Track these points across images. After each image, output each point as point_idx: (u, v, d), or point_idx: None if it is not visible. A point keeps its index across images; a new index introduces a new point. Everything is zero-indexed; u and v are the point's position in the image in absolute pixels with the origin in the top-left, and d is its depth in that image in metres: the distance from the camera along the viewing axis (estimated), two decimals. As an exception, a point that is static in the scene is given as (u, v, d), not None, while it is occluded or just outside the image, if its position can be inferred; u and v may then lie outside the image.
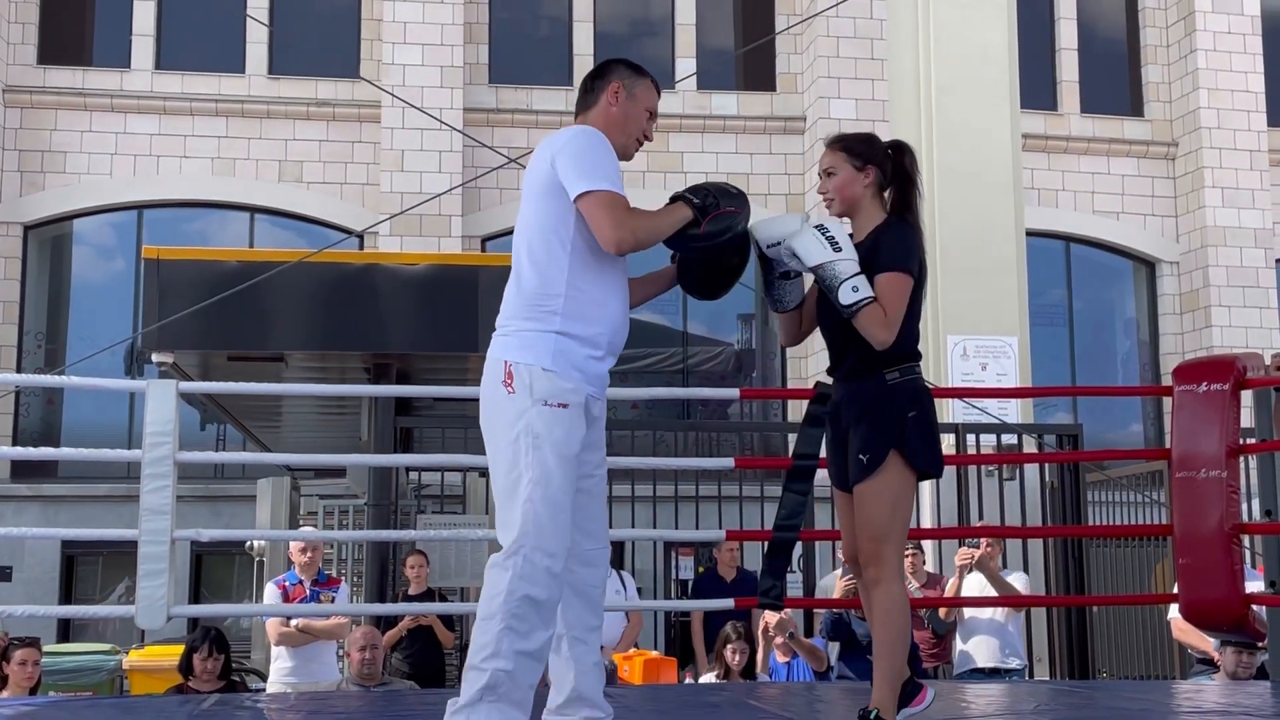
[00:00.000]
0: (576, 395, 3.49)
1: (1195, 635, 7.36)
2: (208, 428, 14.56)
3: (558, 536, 3.43)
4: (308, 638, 7.66)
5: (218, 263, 8.48)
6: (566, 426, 3.46)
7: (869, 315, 3.74)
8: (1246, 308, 17.12)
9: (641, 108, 3.81)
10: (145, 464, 5.18)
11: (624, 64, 3.90)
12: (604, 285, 3.59)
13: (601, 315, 3.57)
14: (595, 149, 3.57)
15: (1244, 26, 17.63)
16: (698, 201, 3.65)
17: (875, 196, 3.93)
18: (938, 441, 3.87)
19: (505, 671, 3.37)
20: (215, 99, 16.18)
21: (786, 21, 16.89)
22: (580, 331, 3.53)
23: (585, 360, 3.54)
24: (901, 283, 3.77)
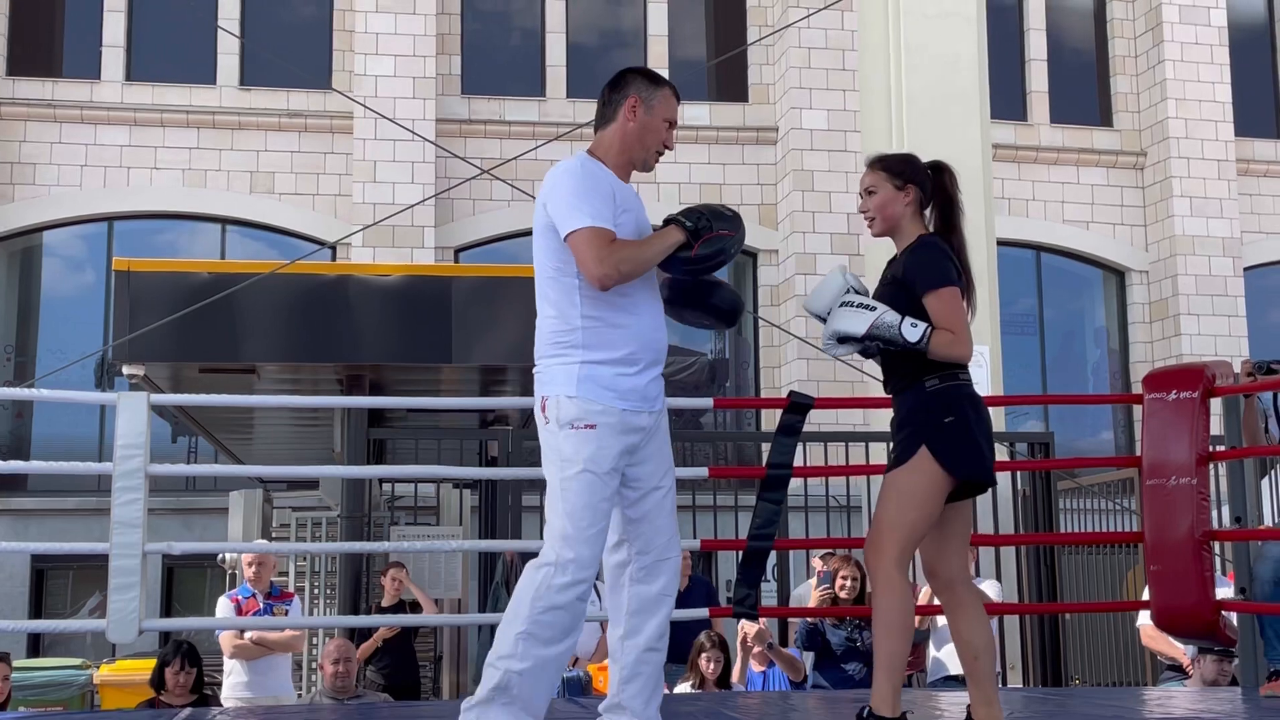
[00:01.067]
0: (606, 415, 3.61)
1: (1164, 642, 7.40)
2: (179, 440, 14.50)
3: (589, 550, 3.58)
4: (263, 651, 7.61)
5: (189, 274, 8.44)
6: (596, 445, 3.60)
7: (939, 342, 3.85)
8: (1215, 316, 17.26)
9: (660, 119, 3.81)
10: (116, 477, 5.15)
11: (641, 75, 3.90)
12: (622, 306, 3.66)
13: (624, 336, 3.66)
14: (577, 186, 3.62)
15: (1211, 38, 17.80)
16: (690, 225, 3.69)
17: (915, 216, 4.01)
18: (978, 448, 3.87)
19: (518, 673, 3.50)
20: (186, 110, 16.12)
21: (758, 32, 16.95)
22: (604, 356, 3.64)
23: (615, 379, 3.64)
24: (951, 296, 3.88)
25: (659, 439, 3.79)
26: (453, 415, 10.52)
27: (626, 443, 3.65)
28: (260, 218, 16.25)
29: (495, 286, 8.61)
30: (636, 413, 3.68)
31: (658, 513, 3.78)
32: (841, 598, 7.30)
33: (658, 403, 3.76)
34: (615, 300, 3.64)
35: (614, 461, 3.62)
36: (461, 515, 10.17)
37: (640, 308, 3.70)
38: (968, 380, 3.94)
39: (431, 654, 9.50)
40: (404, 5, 16.26)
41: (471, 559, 9.09)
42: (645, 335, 3.70)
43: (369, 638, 8.22)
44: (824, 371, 14.92)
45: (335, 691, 7.13)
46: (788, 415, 5.49)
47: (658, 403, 3.76)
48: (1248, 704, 5.32)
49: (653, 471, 3.77)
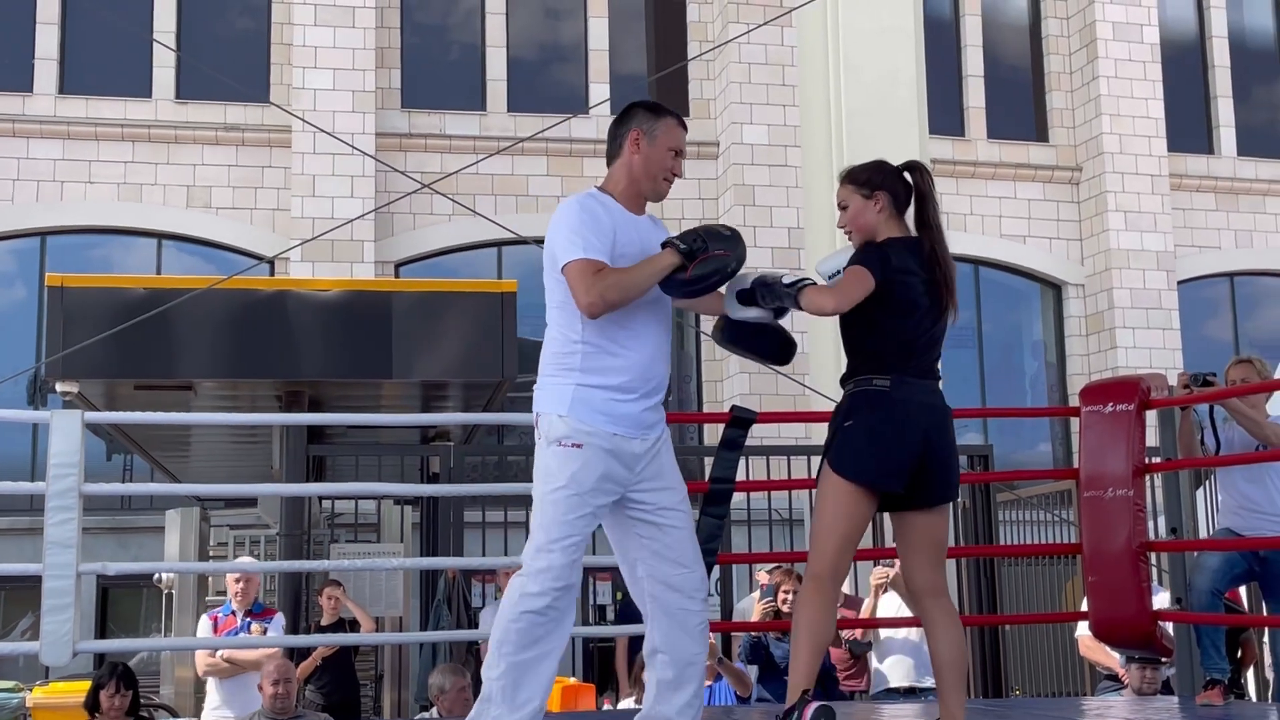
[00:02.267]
0: (594, 437, 3.71)
1: (1101, 652, 7.47)
2: (114, 458, 14.28)
3: (562, 560, 3.69)
4: (234, 669, 7.58)
5: (124, 290, 8.32)
6: (580, 464, 3.70)
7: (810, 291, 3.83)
8: (1150, 329, 17.52)
9: (663, 149, 3.90)
10: (49, 496, 5.07)
11: (643, 107, 3.98)
12: (622, 336, 3.77)
13: (621, 364, 3.77)
14: (574, 221, 3.74)
15: (1144, 54, 18.08)
16: (684, 247, 3.75)
17: (891, 220, 4.01)
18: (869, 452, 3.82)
19: (497, 681, 3.69)
20: (121, 123, 15.92)
21: (699, 48, 17.02)
22: (600, 381, 3.75)
23: (608, 404, 3.74)
24: (853, 271, 3.86)
25: (662, 462, 3.87)
26: (393, 431, 10.45)
27: (613, 466, 3.74)
28: (197, 232, 16.08)
29: (436, 301, 8.57)
30: (629, 438, 3.76)
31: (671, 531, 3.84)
32: (784, 611, 7.31)
33: (654, 430, 3.85)
34: (616, 329, 3.75)
35: (597, 482, 3.71)
36: (403, 532, 10.10)
37: (643, 338, 3.80)
38: (886, 384, 3.88)
39: (372, 672, 9.42)
40: (343, 18, 16.18)
41: (413, 576, 9.02)
42: (643, 365, 3.80)
43: (308, 656, 8.14)
44: (766, 386, 14.97)
45: (275, 712, 7.04)
46: (730, 430, 5.49)
47: (654, 430, 3.85)
48: (1185, 712, 5.38)
49: (662, 494, 3.85)
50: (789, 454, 8.50)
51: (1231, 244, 18.66)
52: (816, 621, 3.84)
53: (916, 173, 4.06)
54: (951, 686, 3.94)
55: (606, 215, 3.79)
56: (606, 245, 3.72)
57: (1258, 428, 5.73)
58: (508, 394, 8.97)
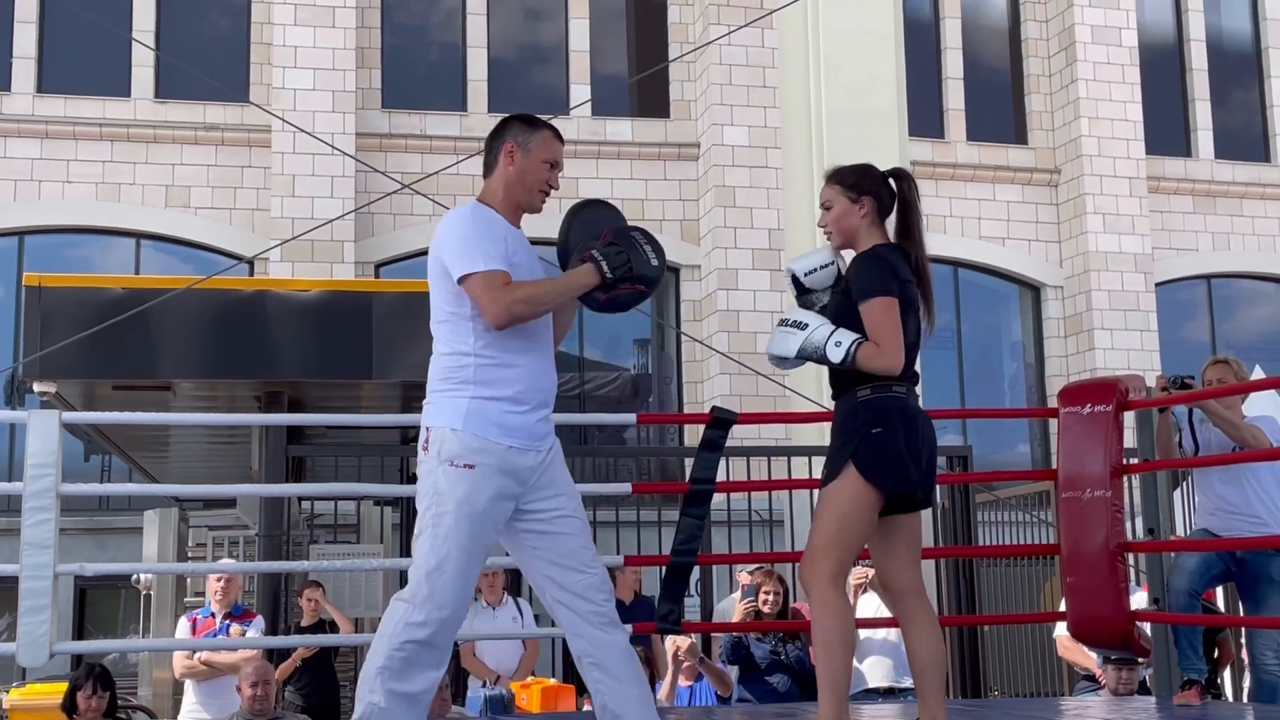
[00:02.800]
0: (486, 455, 3.66)
1: (1079, 652, 7.50)
2: (92, 459, 14.20)
3: (450, 588, 3.63)
4: (212, 672, 7.55)
5: (102, 289, 8.28)
6: (471, 485, 3.65)
7: (864, 356, 3.87)
8: (1128, 331, 17.60)
9: (538, 160, 3.91)
10: (27, 497, 5.04)
11: (519, 120, 3.99)
12: (514, 348, 3.75)
13: (514, 375, 3.74)
14: (468, 232, 3.73)
15: (1122, 57, 18.17)
16: (610, 277, 3.75)
17: (874, 225, 4.03)
18: (902, 461, 3.86)
19: (378, 707, 3.59)
20: (100, 123, 15.85)
21: (680, 49, 17.03)
22: (494, 393, 3.72)
23: (503, 416, 3.71)
24: (882, 306, 3.87)
25: (554, 472, 3.86)
26: (373, 432, 10.43)
27: (506, 484, 3.70)
28: (176, 232, 16.02)
29: (416, 301, 8.52)
30: (523, 451, 3.74)
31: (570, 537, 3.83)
32: (764, 612, 7.32)
33: (546, 441, 3.83)
34: (508, 341, 3.73)
35: (489, 504, 3.67)
36: (382, 533, 10.08)
37: (533, 349, 3.81)
38: (903, 392, 3.93)
39: (352, 673, 9.39)
40: (323, 19, 16.13)
41: (393, 577, 9.00)
42: (534, 377, 3.79)
43: (287, 658, 8.11)
44: (747, 387, 14.99)
45: (254, 714, 7.02)
46: (710, 430, 5.51)
47: (546, 441, 3.83)
48: (1162, 712, 5.41)
49: (554, 500, 3.83)
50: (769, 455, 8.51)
51: (1209, 246, 18.77)
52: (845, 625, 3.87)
53: (903, 181, 4.06)
54: (932, 687, 3.95)
55: (499, 226, 3.80)
56: (501, 254, 3.72)
57: (1234, 429, 5.76)
58: (488, 395, 8.96)
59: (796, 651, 7.35)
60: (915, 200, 4.04)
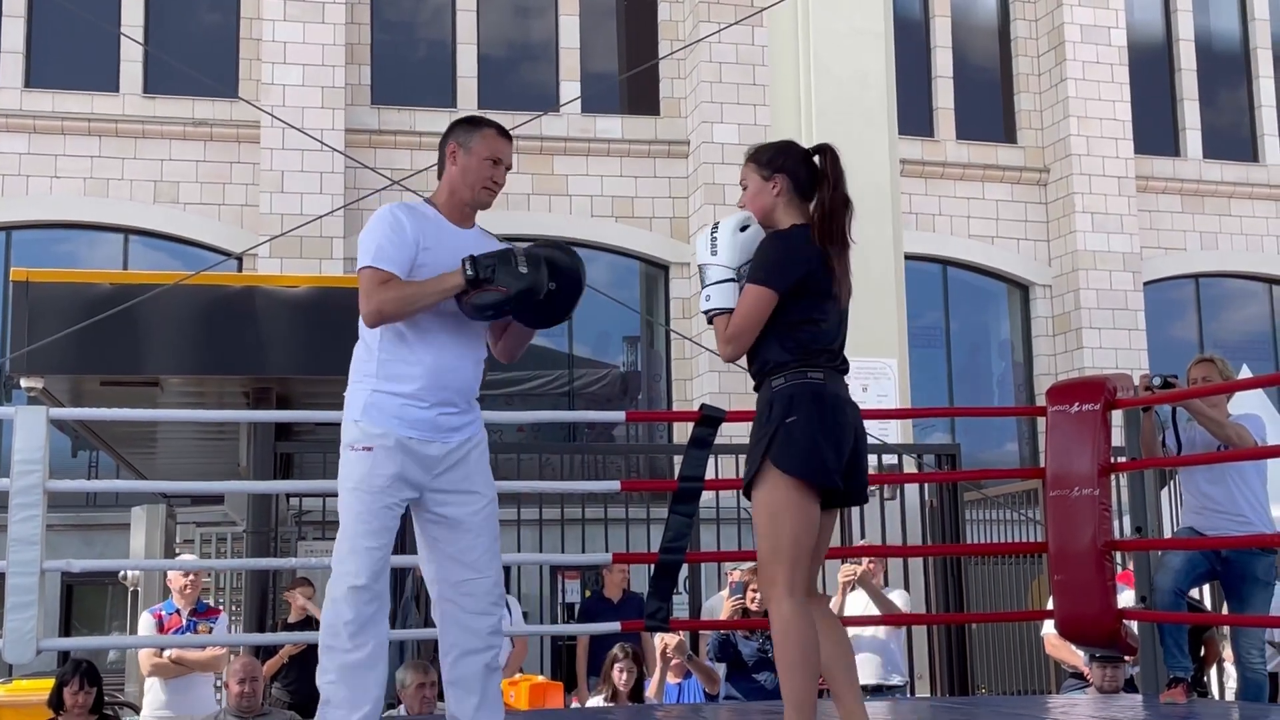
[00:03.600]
0: (384, 439, 3.81)
1: (1066, 650, 7.52)
2: (80, 454, 14.16)
3: (358, 561, 3.78)
4: (181, 669, 7.47)
5: (90, 285, 8.25)
6: (368, 466, 3.80)
7: (716, 327, 3.82)
8: (1116, 329, 17.64)
9: (479, 159, 3.99)
10: (13, 493, 5.03)
11: (462, 122, 4.10)
12: (418, 345, 3.86)
13: (415, 372, 3.85)
14: (373, 229, 3.86)
15: (1111, 57, 18.21)
16: (470, 274, 3.80)
17: (791, 204, 3.87)
18: (815, 449, 3.66)
19: (333, 684, 3.79)
20: (88, 118, 15.80)
21: (670, 47, 17.03)
22: (394, 388, 3.85)
23: (403, 409, 3.84)
24: (753, 296, 3.74)
25: (469, 468, 3.91)
26: (362, 428, 10.39)
27: (407, 466, 3.81)
28: (164, 228, 15.98)
29: (405, 299, 8.52)
30: (426, 441, 3.84)
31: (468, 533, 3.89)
32: (752, 609, 7.32)
33: (457, 434, 3.90)
34: (413, 339, 3.86)
35: (388, 483, 3.80)
36: (370, 530, 10.05)
37: (439, 347, 3.87)
38: (820, 377, 3.75)
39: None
40: (312, 14, 16.10)
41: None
42: (440, 374, 3.87)
43: (275, 654, 8.10)
44: (736, 384, 14.99)
45: (241, 711, 7.01)
46: (699, 428, 5.51)
47: (457, 434, 3.90)
48: (1148, 710, 5.42)
49: (463, 497, 3.90)
50: (758, 453, 8.48)
51: (1197, 245, 18.82)
52: (807, 639, 3.65)
53: (823, 155, 3.91)
54: (846, 685, 3.80)
55: (413, 225, 3.86)
56: (404, 256, 3.81)
57: (1218, 428, 5.78)
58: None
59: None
60: (832, 174, 3.86)
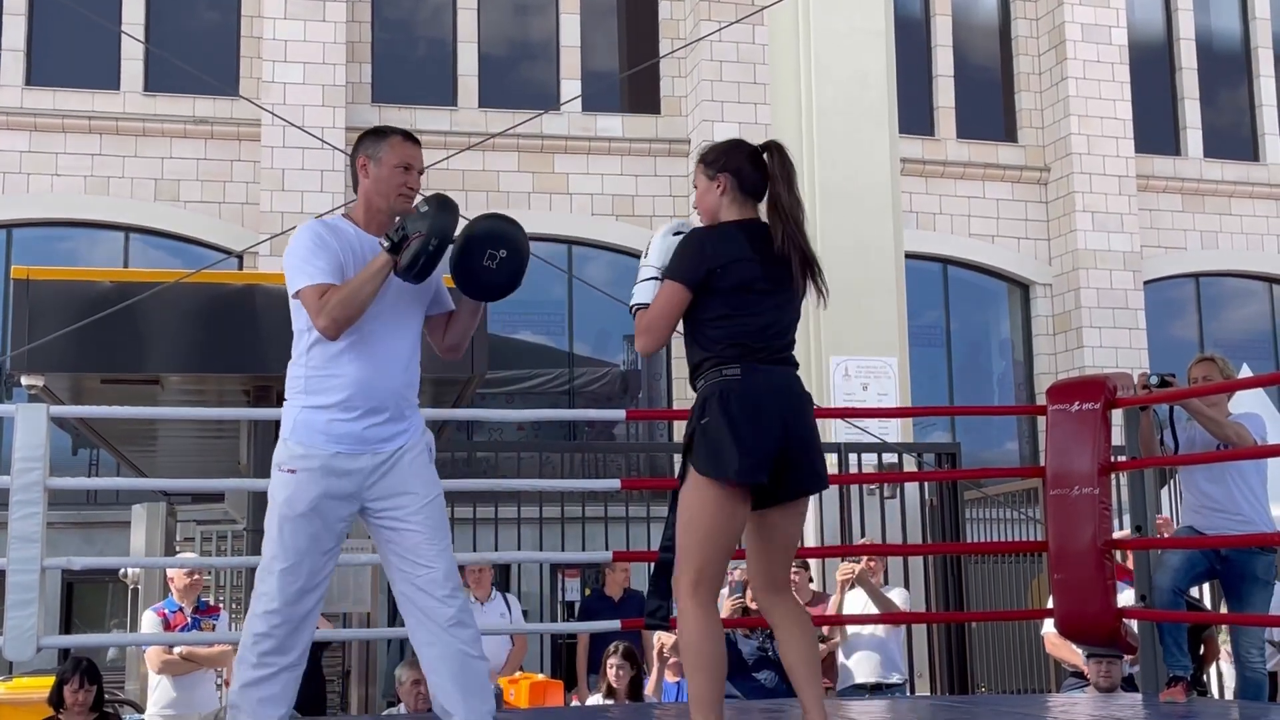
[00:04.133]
0: (307, 461, 3.88)
1: (1066, 649, 7.53)
2: (80, 452, 14.17)
3: (271, 584, 3.87)
4: (191, 666, 7.51)
5: (91, 283, 8.24)
6: (292, 489, 3.88)
7: (636, 320, 3.86)
8: (1116, 328, 17.64)
9: (388, 167, 4.03)
10: (14, 490, 5.04)
11: (368, 134, 4.14)
12: (344, 356, 3.90)
13: (341, 383, 3.89)
14: (297, 249, 3.91)
15: (1112, 56, 18.21)
16: (387, 244, 3.84)
17: (735, 203, 3.90)
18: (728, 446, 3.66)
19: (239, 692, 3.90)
20: (89, 116, 15.81)
21: (670, 45, 17.03)
22: (321, 401, 3.90)
23: (329, 424, 3.89)
24: (666, 291, 3.79)
25: (403, 473, 3.95)
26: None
27: (332, 485, 3.87)
28: (165, 226, 15.98)
29: (406, 297, 8.52)
30: (353, 455, 3.89)
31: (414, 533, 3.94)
32: (752, 608, 7.32)
33: (388, 444, 3.94)
34: (338, 350, 3.90)
35: (311, 505, 3.86)
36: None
37: (366, 355, 3.91)
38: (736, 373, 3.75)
39: (339, 668, 9.39)
40: (313, 12, 16.11)
41: (381, 572, 8.98)
42: (366, 383, 3.90)
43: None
44: (735, 383, 15.00)
45: (241, 708, 7.01)
46: (699, 426, 5.50)
47: (388, 444, 3.94)
48: (1148, 709, 5.43)
49: (400, 499, 3.94)
50: (758, 451, 8.48)
51: (1197, 245, 18.82)
52: (704, 639, 3.68)
53: (771, 153, 3.94)
54: (804, 682, 3.77)
55: (333, 239, 3.93)
56: (332, 267, 3.88)
57: (1217, 427, 5.78)
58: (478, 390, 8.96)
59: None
60: (782, 171, 3.90)
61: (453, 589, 3.93)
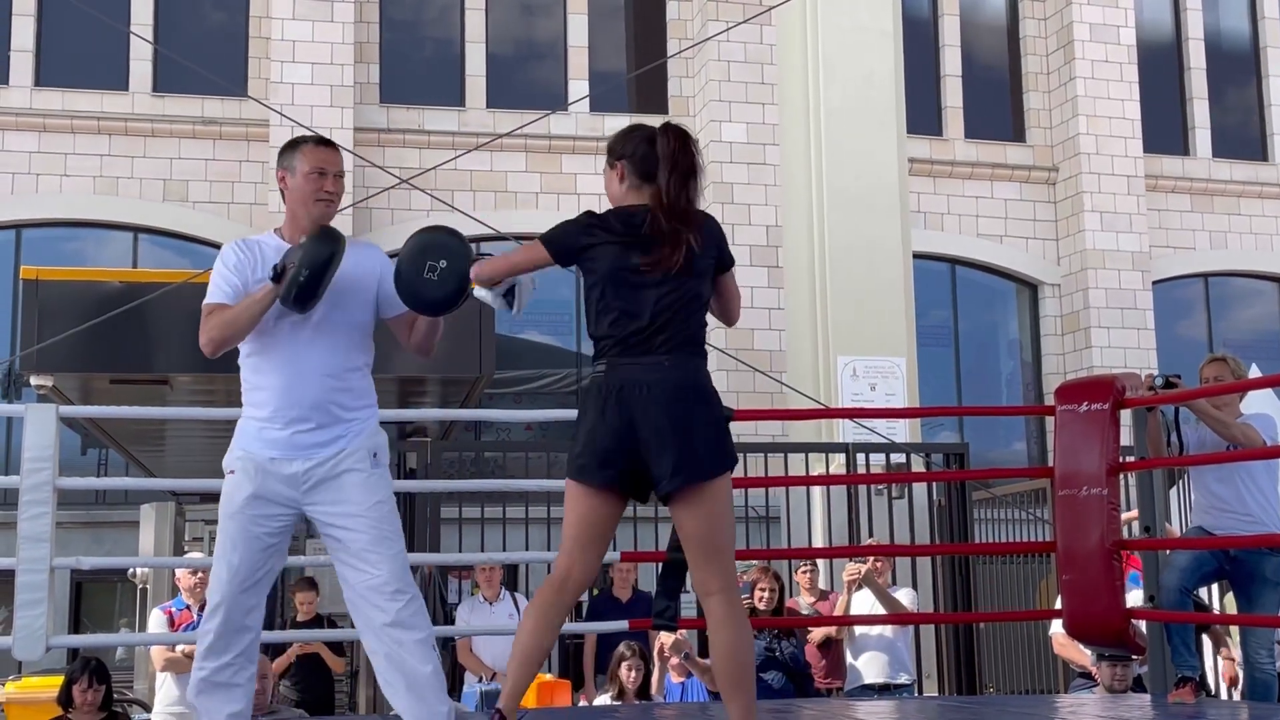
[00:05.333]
0: (241, 462, 4.07)
1: (1075, 650, 7.52)
2: (89, 452, 14.21)
3: (219, 579, 4.01)
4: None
5: (100, 283, 8.28)
6: (231, 488, 4.07)
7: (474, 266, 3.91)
8: (1125, 329, 17.60)
9: (302, 176, 4.11)
10: (23, 490, 5.05)
11: (284, 148, 4.22)
12: (263, 368, 4.10)
13: (266, 396, 4.08)
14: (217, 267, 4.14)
15: (1121, 56, 18.17)
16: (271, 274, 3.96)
17: (633, 190, 3.85)
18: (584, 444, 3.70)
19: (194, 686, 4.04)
20: (98, 116, 15.84)
21: (678, 45, 17.02)
22: (253, 412, 4.11)
23: (260, 431, 4.08)
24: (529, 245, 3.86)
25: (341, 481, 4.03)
26: (370, 427, 10.40)
27: (266, 484, 4.01)
28: (174, 226, 16.00)
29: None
30: (286, 460, 4.02)
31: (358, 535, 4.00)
32: (759, 608, 7.33)
33: (321, 450, 4.03)
34: (260, 364, 4.10)
35: (245, 502, 4.02)
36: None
37: (282, 368, 4.06)
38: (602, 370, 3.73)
39: (347, 668, 9.40)
40: (321, 13, 16.12)
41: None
42: (289, 393, 4.04)
43: (283, 653, 8.11)
44: (743, 383, 14.99)
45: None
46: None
47: (321, 450, 4.03)
48: (1156, 710, 5.42)
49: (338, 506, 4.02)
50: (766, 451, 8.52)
51: (1206, 245, 18.78)
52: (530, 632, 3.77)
53: (663, 136, 3.85)
54: (727, 688, 3.73)
55: (249, 256, 4.10)
56: (234, 287, 4.05)
57: (1224, 428, 5.77)
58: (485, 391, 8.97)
59: (791, 648, 7.36)
60: (672, 153, 3.80)
61: (395, 591, 3.96)
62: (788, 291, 15.84)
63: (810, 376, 14.90)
